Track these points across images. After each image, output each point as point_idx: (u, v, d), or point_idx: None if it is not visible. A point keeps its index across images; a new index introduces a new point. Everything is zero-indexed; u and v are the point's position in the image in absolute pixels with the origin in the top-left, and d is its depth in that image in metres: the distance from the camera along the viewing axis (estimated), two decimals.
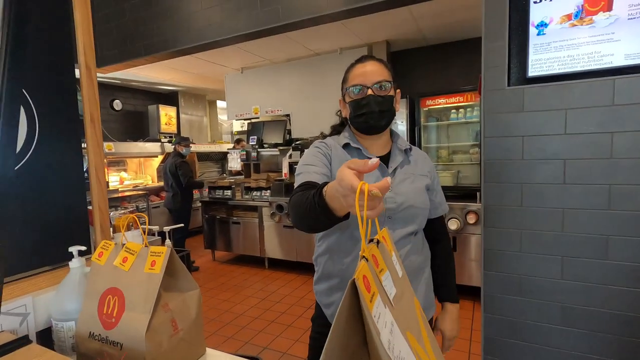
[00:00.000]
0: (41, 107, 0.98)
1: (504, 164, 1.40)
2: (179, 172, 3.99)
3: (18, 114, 0.93)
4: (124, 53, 2.97)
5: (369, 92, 0.97)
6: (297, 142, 4.17)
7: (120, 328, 0.81)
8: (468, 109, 3.16)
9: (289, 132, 4.45)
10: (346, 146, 1.04)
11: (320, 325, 1.09)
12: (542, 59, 1.31)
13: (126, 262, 0.88)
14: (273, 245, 3.98)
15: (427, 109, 3.35)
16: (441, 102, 3.26)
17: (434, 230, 1.12)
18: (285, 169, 4.10)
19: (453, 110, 3.23)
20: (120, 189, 4.63)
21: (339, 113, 1.16)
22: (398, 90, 1.04)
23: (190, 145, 4.34)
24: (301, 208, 0.77)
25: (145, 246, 0.88)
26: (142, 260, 0.86)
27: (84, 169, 1.13)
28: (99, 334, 0.83)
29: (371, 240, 0.51)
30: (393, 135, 1.10)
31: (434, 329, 1.10)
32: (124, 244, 0.90)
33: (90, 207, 1.15)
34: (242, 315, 2.88)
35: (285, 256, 3.93)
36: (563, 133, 1.30)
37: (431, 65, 3.91)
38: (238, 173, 4.75)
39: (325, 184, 0.69)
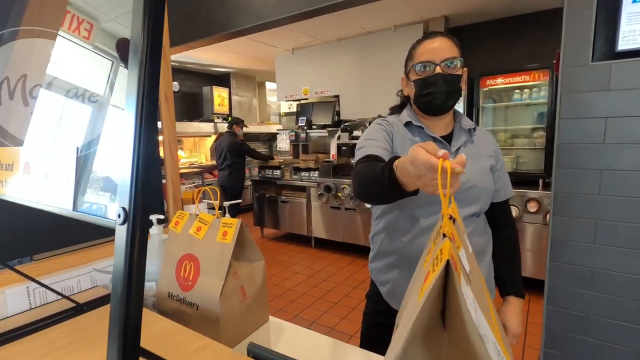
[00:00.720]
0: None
1: (581, 147, 1.29)
2: (244, 150, 4.24)
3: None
4: (184, 34, 3.10)
5: (437, 69, 0.93)
6: (346, 124, 4.14)
7: (196, 290, 0.88)
8: (534, 89, 2.91)
9: (338, 114, 4.42)
10: (408, 124, 1.02)
11: (375, 302, 1.10)
12: (636, 30, 1.17)
13: (200, 232, 0.94)
14: (320, 225, 4.06)
15: (487, 89, 3.14)
16: (501, 82, 3.03)
17: (497, 214, 1.05)
18: (333, 151, 4.10)
19: (516, 91, 2.99)
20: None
21: (399, 93, 1.12)
22: (465, 69, 0.99)
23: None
24: (367, 179, 0.80)
25: (217, 217, 0.94)
26: (215, 230, 0.92)
27: (159, 145, 1.21)
28: (177, 295, 0.91)
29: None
30: (456, 114, 1.05)
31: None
32: (197, 215, 0.97)
33: (164, 181, 1.24)
34: (291, 290, 3.00)
35: (331, 236, 3.99)
36: None
37: (493, 42, 3.63)
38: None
39: (396, 158, 0.70)
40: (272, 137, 6.66)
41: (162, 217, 1.04)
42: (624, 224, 1.23)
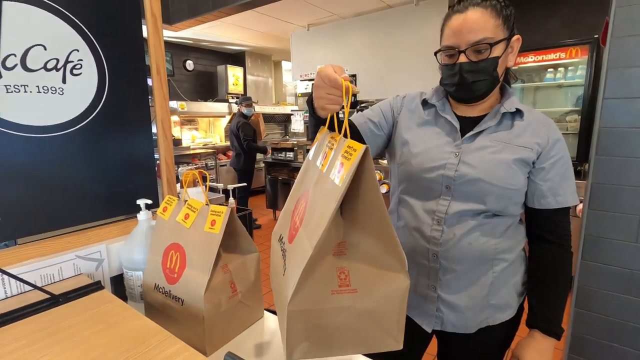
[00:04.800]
0: (110, 59, 0.96)
1: (627, 133, 1.12)
2: (240, 134, 4.08)
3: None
4: (193, 8, 2.97)
5: (461, 58, 0.77)
6: (363, 104, 3.97)
7: (181, 284, 0.81)
8: (569, 68, 2.65)
9: (354, 94, 4.23)
10: (425, 102, 0.91)
11: None
12: None
13: (188, 219, 0.86)
14: None
15: (516, 67, 2.90)
16: (532, 60, 2.78)
17: (539, 224, 0.84)
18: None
19: (550, 70, 2.74)
20: (191, 147, 4.91)
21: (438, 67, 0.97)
22: (517, 37, 0.80)
23: (253, 104, 4.36)
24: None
25: (206, 204, 0.85)
26: (203, 218, 0.84)
27: (152, 123, 1.12)
28: (163, 287, 0.84)
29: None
30: (504, 93, 0.86)
31: (513, 356, 0.84)
32: (186, 201, 0.88)
33: (158, 162, 1.16)
34: None
35: None
36: None
37: (525, 15, 3.33)
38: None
39: None
40: (287, 119, 6.53)
41: (149, 201, 0.96)
42: None
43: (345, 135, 0.54)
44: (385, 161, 3.31)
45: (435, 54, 0.84)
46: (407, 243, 0.88)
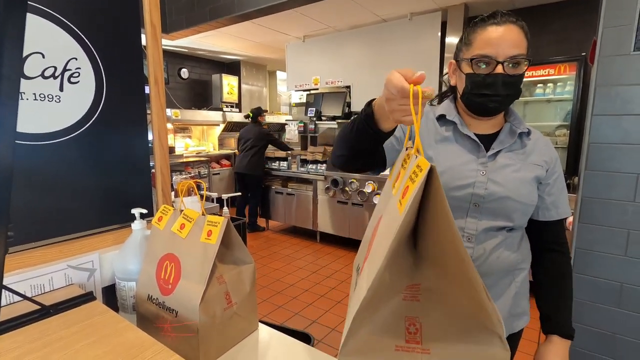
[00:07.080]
0: (108, 68, 0.97)
1: (615, 148, 1.15)
2: (272, 141, 4.31)
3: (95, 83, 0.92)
4: (190, 18, 3.00)
5: (498, 69, 0.76)
6: (357, 115, 4.01)
7: (175, 295, 0.80)
8: (558, 84, 2.73)
9: (349, 105, 4.28)
10: (440, 118, 0.89)
11: None
12: None
13: (183, 229, 0.85)
14: (325, 219, 3.96)
15: None
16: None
17: (544, 236, 0.89)
18: None
19: (539, 85, 2.81)
20: (184, 155, 4.89)
21: (445, 78, 0.97)
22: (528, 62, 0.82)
23: None
24: (345, 130, 0.78)
25: (203, 215, 0.85)
26: (199, 228, 0.83)
27: (148, 132, 1.12)
28: (157, 298, 0.83)
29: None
30: (509, 113, 0.90)
31: None
32: (182, 210, 0.87)
33: (153, 170, 1.15)
34: (293, 286, 2.92)
35: (337, 232, 3.89)
36: None
37: None
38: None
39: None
40: (281, 128, 6.54)
41: (144, 211, 0.95)
42: None
43: (417, 151, 0.44)
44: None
45: (458, 59, 0.83)
46: None
